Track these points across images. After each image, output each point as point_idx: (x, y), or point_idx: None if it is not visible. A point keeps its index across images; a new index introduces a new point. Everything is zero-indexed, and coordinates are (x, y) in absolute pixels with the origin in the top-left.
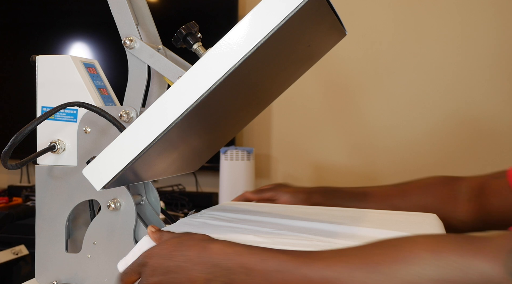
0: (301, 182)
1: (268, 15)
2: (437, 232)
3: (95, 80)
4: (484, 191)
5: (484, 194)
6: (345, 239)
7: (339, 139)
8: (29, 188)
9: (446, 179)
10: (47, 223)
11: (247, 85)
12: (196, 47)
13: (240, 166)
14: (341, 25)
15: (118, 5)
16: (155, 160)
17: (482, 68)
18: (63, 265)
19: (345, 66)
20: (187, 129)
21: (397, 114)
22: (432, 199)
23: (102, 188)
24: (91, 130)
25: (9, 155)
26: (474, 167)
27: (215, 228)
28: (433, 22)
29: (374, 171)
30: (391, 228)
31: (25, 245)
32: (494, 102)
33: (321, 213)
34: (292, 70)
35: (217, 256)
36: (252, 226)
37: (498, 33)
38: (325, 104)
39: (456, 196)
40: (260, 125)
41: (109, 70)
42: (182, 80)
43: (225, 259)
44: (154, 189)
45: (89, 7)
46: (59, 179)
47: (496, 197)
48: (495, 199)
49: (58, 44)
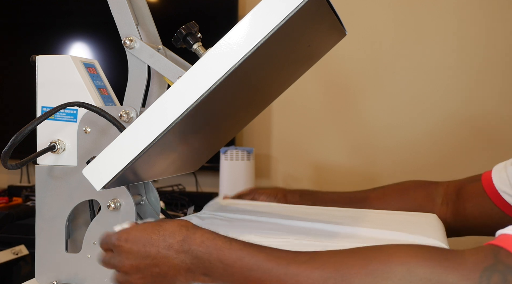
0: (301, 182)
1: (268, 15)
2: (437, 232)
3: (95, 80)
4: (460, 196)
5: (460, 199)
6: (345, 239)
7: (339, 139)
8: (29, 188)
9: (424, 183)
10: (47, 223)
11: (247, 85)
12: (196, 47)
13: (240, 166)
14: (341, 25)
15: (118, 5)
16: (155, 160)
17: (482, 68)
18: (63, 265)
19: (345, 66)
20: (187, 129)
21: (397, 114)
22: (410, 203)
23: (102, 188)
24: (91, 130)
25: (9, 155)
26: (474, 166)
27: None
28: (433, 22)
29: (374, 171)
30: (391, 228)
31: (25, 245)
32: (494, 102)
33: (322, 213)
34: (292, 70)
35: (199, 247)
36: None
37: (498, 33)
38: (325, 104)
39: (433, 200)
40: (260, 125)
41: (109, 70)
42: (182, 80)
43: (205, 252)
44: (154, 189)
45: (89, 7)
46: (59, 179)
47: (471, 201)
48: (470, 203)
49: (58, 44)
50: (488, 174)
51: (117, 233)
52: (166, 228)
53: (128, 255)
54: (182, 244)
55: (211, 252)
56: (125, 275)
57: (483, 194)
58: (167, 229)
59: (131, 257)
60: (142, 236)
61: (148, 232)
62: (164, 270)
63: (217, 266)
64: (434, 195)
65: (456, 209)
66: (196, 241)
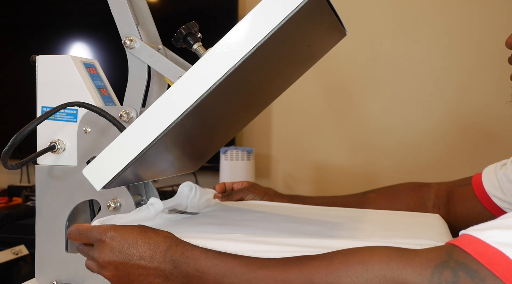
0: (301, 182)
1: (268, 15)
2: (441, 232)
3: (95, 80)
4: (451, 199)
5: (451, 202)
6: (344, 240)
7: (339, 139)
8: (29, 188)
9: (415, 186)
10: (47, 223)
11: (247, 85)
12: (196, 47)
13: (240, 166)
14: (341, 25)
15: (118, 5)
16: (155, 159)
17: (482, 68)
18: (63, 265)
19: (345, 66)
20: (187, 129)
21: (397, 114)
22: (401, 207)
23: (102, 188)
24: (91, 130)
25: (9, 155)
26: (474, 166)
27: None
28: (433, 22)
29: (374, 171)
30: (393, 228)
31: (25, 245)
32: (494, 102)
33: (322, 214)
34: (292, 70)
35: (179, 258)
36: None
37: (498, 32)
38: (325, 104)
39: (425, 203)
40: (260, 125)
41: (109, 70)
42: (182, 80)
43: (184, 262)
44: (154, 189)
45: (89, 7)
46: (59, 179)
47: (462, 205)
48: (460, 207)
49: (58, 44)
50: (478, 176)
51: (103, 228)
52: (152, 237)
53: (110, 251)
54: (165, 254)
55: (189, 262)
56: (100, 267)
57: (473, 198)
58: (152, 237)
59: (112, 254)
60: (128, 237)
61: (134, 235)
62: (142, 274)
63: (194, 275)
64: (426, 198)
65: (447, 212)
66: (178, 252)
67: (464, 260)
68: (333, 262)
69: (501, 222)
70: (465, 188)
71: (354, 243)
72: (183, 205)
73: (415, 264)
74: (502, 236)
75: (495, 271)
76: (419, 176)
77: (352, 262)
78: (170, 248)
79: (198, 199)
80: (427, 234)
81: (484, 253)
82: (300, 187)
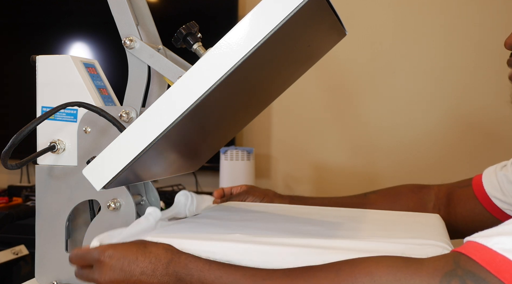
0: (301, 182)
1: (268, 15)
2: (440, 232)
3: (95, 80)
4: (451, 200)
5: (451, 203)
6: (344, 240)
7: (339, 140)
8: (29, 188)
9: (415, 188)
10: (47, 223)
11: (247, 85)
12: (196, 47)
13: (240, 166)
14: (341, 25)
15: (118, 5)
16: (155, 159)
17: (482, 68)
18: (63, 265)
19: (345, 66)
20: (187, 129)
21: (397, 115)
22: (401, 207)
23: (102, 188)
24: (91, 130)
25: (9, 155)
26: (474, 166)
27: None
28: (433, 22)
29: (374, 171)
30: (393, 228)
31: (25, 245)
32: (494, 102)
33: (322, 214)
34: (292, 70)
35: (182, 270)
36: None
37: (498, 33)
38: (325, 104)
39: (425, 205)
40: (260, 125)
41: (109, 70)
42: (182, 80)
43: (187, 274)
44: (154, 189)
45: (89, 7)
46: (59, 179)
47: (462, 206)
48: (461, 209)
49: (58, 44)
50: (478, 178)
51: (101, 248)
52: (152, 250)
53: (110, 270)
54: (167, 267)
55: (193, 274)
56: None
57: (473, 199)
58: (152, 251)
59: (113, 273)
60: (128, 254)
61: (134, 252)
62: None
63: None
64: (426, 199)
65: (447, 213)
66: (181, 264)
67: (472, 268)
68: (340, 274)
69: (507, 227)
70: (466, 189)
71: (354, 243)
72: (182, 214)
73: (423, 274)
74: (508, 242)
75: (503, 278)
76: (419, 176)
77: (358, 274)
78: (172, 260)
79: (197, 207)
80: (426, 234)
81: (491, 260)
82: (300, 187)
